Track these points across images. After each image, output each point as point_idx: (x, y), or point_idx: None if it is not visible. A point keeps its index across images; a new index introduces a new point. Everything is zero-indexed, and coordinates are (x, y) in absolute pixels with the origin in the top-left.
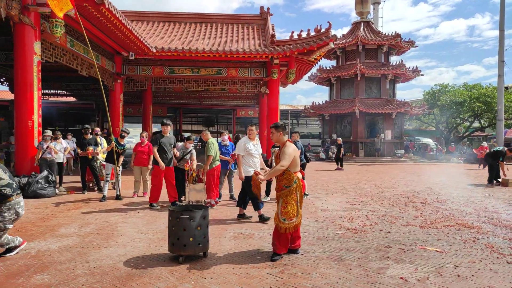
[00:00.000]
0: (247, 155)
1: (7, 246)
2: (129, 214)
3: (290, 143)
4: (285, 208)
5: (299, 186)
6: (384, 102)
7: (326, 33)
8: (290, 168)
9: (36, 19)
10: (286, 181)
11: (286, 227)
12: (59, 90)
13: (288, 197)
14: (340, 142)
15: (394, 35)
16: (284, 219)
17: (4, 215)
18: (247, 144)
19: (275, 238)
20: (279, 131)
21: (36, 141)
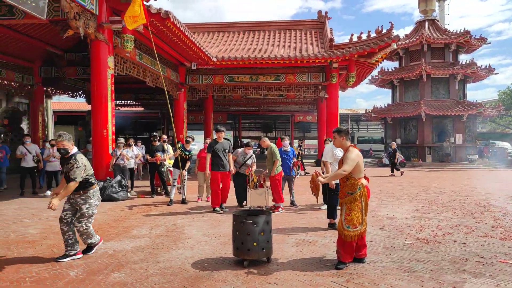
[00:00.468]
0: (335, 162)
1: (89, 241)
2: (195, 218)
3: (354, 148)
4: (349, 215)
5: (363, 192)
6: (453, 103)
7: (388, 34)
8: (354, 174)
9: (109, 36)
10: (349, 187)
11: (351, 235)
12: (129, 100)
13: (352, 204)
14: (394, 147)
15: (463, 32)
16: (348, 227)
17: (91, 202)
18: (334, 150)
19: (340, 246)
20: (342, 136)
21: (110, 148)
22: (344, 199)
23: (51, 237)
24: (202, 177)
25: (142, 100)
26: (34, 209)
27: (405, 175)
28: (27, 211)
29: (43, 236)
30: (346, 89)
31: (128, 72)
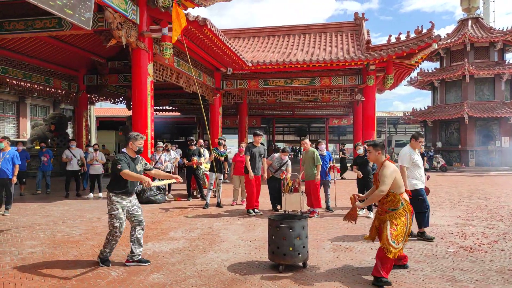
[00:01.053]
0: (412, 167)
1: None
2: (230, 221)
3: (389, 163)
4: (395, 230)
5: (407, 208)
6: (499, 105)
7: (429, 34)
8: (393, 189)
9: (149, 44)
10: (390, 203)
11: (395, 251)
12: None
13: (397, 219)
14: (422, 151)
15: (510, 29)
16: (394, 242)
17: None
18: (412, 154)
19: (379, 261)
20: (378, 150)
21: (149, 152)
22: (385, 215)
23: (94, 238)
24: (237, 180)
25: (179, 105)
26: (78, 211)
27: (447, 179)
28: (72, 212)
29: (87, 237)
30: (383, 92)
31: (166, 79)
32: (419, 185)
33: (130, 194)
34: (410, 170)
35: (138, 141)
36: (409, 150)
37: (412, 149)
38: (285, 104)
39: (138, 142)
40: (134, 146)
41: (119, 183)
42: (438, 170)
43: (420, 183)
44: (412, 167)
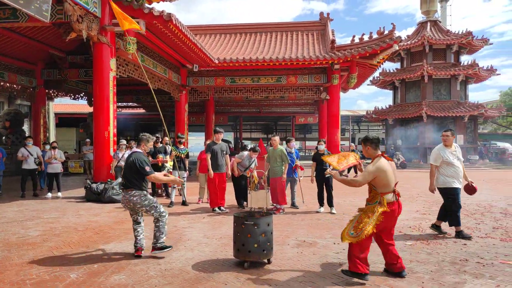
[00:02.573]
0: (444, 164)
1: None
2: (195, 219)
3: (380, 160)
4: (359, 224)
5: (377, 207)
6: (454, 104)
7: (390, 35)
8: (377, 187)
9: (112, 38)
10: (370, 198)
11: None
12: (130, 102)
13: (366, 213)
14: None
15: (465, 33)
16: (352, 233)
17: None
18: (442, 152)
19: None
20: (367, 146)
21: (112, 150)
22: (365, 207)
23: (52, 239)
24: (203, 178)
25: (144, 102)
26: (35, 211)
27: (407, 176)
28: (28, 213)
29: (44, 239)
30: (348, 91)
31: (130, 75)
32: (450, 184)
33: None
34: (443, 168)
35: (150, 143)
36: (439, 147)
37: (443, 147)
38: (252, 102)
39: (150, 144)
40: (146, 147)
41: (143, 181)
42: (398, 167)
43: (454, 181)
44: (444, 165)
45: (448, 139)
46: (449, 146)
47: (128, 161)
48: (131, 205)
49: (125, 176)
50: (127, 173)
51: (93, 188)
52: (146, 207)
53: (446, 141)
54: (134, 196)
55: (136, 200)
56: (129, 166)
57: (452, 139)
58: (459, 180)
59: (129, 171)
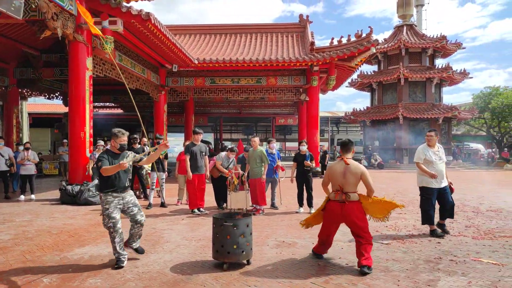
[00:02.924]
0: (426, 164)
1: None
2: (174, 221)
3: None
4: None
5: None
6: (429, 106)
7: (367, 38)
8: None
9: (88, 37)
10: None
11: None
12: (108, 102)
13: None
14: (325, 149)
15: (440, 37)
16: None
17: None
18: (425, 151)
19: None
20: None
21: (88, 151)
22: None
23: (24, 243)
24: (182, 179)
25: (122, 102)
26: (7, 214)
27: (384, 176)
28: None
29: (16, 242)
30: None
31: (107, 74)
32: (428, 183)
33: (122, 191)
34: (424, 167)
35: (120, 138)
36: (423, 147)
37: (426, 146)
38: (232, 103)
39: (119, 139)
40: (116, 143)
41: (106, 182)
42: (376, 168)
43: (432, 181)
44: (426, 164)
45: (432, 139)
46: (432, 146)
47: None
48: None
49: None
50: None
51: (68, 190)
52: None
53: (430, 141)
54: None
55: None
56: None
57: (435, 139)
58: (438, 180)
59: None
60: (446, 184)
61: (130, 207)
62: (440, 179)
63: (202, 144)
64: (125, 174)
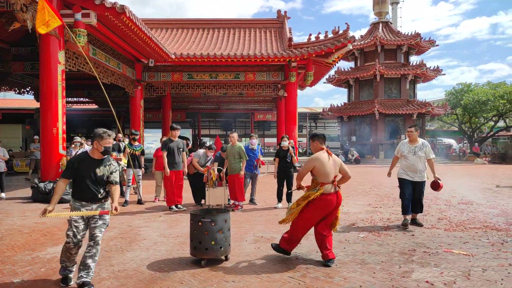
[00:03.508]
0: (402, 158)
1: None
2: (151, 218)
3: (318, 153)
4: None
5: (314, 195)
6: (404, 102)
7: (344, 35)
8: (317, 176)
9: (60, 30)
10: (312, 186)
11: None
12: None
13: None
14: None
15: (414, 34)
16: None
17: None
18: (401, 145)
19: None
20: (315, 141)
21: (61, 147)
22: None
23: None
24: (159, 176)
25: (96, 98)
26: None
27: (360, 171)
28: None
29: None
30: (305, 88)
31: (80, 68)
32: (400, 175)
33: (92, 200)
34: (400, 160)
35: (105, 140)
36: (402, 141)
37: (405, 141)
38: (210, 98)
39: (104, 141)
40: (100, 146)
41: (75, 186)
42: (353, 162)
43: (403, 172)
44: (401, 158)
45: (412, 135)
46: (412, 141)
47: None
48: None
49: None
50: None
51: (40, 187)
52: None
53: (410, 136)
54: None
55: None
56: None
57: (414, 135)
58: (410, 173)
59: None
60: (421, 180)
61: (94, 219)
62: (413, 173)
63: (180, 140)
64: (95, 185)
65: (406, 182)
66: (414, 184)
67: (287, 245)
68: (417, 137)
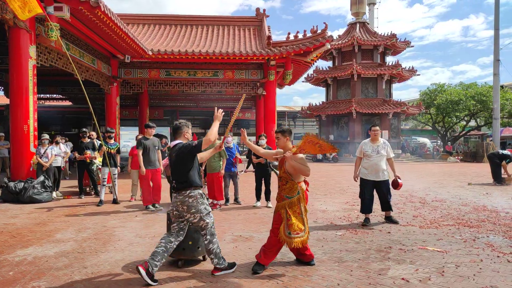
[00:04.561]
0: (364, 157)
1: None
2: (127, 218)
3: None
4: (289, 220)
5: (301, 197)
6: (380, 102)
7: (322, 34)
8: (294, 177)
9: (31, 23)
10: (287, 191)
11: (291, 241)
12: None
13: (290, 209)
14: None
15: (390, 35)
16: (289, 233)
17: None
18: (363, 145)
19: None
20: (286, 136)
21: (32, 145)
22: (281, 202)
23: None
24: (135, 175)
25: (70, 94)
26: None
27: (338, 169)
28: None
29: None
30: (284, 87)
31: (53, 64)
32: (362, 175)
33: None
34: (363, 160)
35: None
36: (364, 141)
37: (368, 141)
38: (189, 96)
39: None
40: (189, 135)
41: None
42: (331, 161)
43: (365, 172)
44: (364, 158)
45: (378, 134)
46: (375, 141)
47: (176, 154)
48: (185, 208)
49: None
50: (181, 168)
51: (10, 187)
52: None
53: (376, 135)
54: (190, 197)
55: (192, 203)
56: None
57: (377, 134)
58: (373, 173)
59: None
60: (384, 178)
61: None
62: (376, 173)
63: (155, 138)
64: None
65: (367, 183)
66: (379, 184)
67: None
68: (379, 137)
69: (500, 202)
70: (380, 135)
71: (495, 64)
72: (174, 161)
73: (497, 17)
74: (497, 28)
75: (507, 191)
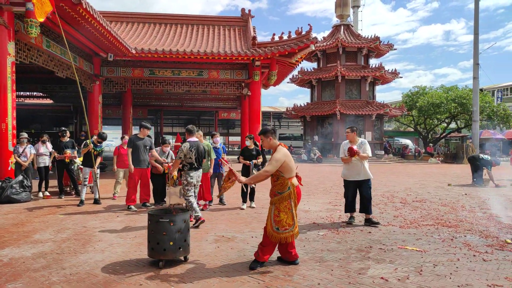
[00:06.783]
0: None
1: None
2: (108, 219)
3: (282, 148)
4: (277, 216)
5: (292, 193)
6: (364, 104)
7: (307, 36)
8: (284, 173)
9: (10, 19)
10: (279, 187)
11: (280, 236)
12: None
13: (280, 204)
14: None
15: (373, 38)
16: (277, 228)
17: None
18: (344, 147)
19: (260, 246)
20: (268, 137)
21: (11, 144)
22: (273, 198)
23: None
24: (121, 173)
25: (51, 92)
26: None
27: (322, 170)
28: None
29: None
30: (268, 87)
31: (33, 61)
32: (344, 175)
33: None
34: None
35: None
36: (344, 142)
37: (345, 142)
38: (173, 95)
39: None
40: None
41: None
42: (315, 161)
43: (345, 173)
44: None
45: (348, 135)
46: (352, 141)
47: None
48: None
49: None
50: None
51: None
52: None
53: (347, 137)
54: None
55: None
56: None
57: (351, 135)
58: (354, 173)
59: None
60: (365, 178)
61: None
62: (357, 173)
63: (148, 138)
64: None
65: (349, 183)
66: (360, 183)
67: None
68: (354, 137)
69: (478, 202)
70: (358, 135)
71: (475, 67)
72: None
73: (476, 23)
74: (477, 33)
75: (485, 192)
